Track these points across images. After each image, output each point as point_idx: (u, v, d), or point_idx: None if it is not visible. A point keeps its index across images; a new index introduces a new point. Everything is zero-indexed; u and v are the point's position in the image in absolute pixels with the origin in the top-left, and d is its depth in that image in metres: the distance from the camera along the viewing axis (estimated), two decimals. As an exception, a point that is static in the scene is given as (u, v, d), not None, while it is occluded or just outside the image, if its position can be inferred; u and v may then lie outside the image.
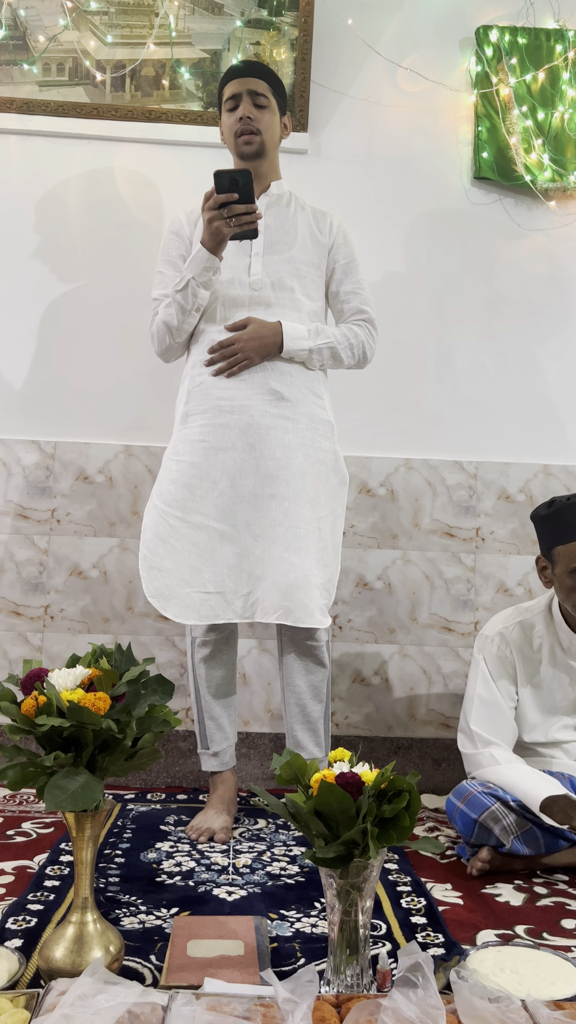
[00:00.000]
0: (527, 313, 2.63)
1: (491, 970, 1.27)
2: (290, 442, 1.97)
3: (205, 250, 1.93)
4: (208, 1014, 1.04)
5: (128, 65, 2.55)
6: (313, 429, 2.01)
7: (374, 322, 2.11)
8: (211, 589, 1.93)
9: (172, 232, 2.12)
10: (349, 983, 1.20)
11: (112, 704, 1.22)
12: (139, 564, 1.99)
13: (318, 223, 2.13)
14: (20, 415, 2.52)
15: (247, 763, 2.42)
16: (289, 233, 2.08)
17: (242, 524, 1.94)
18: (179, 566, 1.94)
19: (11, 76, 2.54)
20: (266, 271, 2.03)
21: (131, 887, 1.64)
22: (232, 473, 1.95)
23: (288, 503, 1.94)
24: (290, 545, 1.93)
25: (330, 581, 2.01)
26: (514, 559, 2.55)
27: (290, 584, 1.91)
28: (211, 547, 1.94)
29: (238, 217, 1.88)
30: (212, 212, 1.88)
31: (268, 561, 1.92)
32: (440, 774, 2.44)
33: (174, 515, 1.96)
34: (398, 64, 2.60)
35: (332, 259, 2.11)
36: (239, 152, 2.07)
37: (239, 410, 1.97)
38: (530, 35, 2.60)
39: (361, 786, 1.18)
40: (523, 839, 1.76)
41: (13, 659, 2.44)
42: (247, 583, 1.93)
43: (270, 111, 2.06)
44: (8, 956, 1.27)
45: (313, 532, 1.97)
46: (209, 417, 1.98)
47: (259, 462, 1.95)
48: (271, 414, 1.97)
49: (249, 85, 2.04)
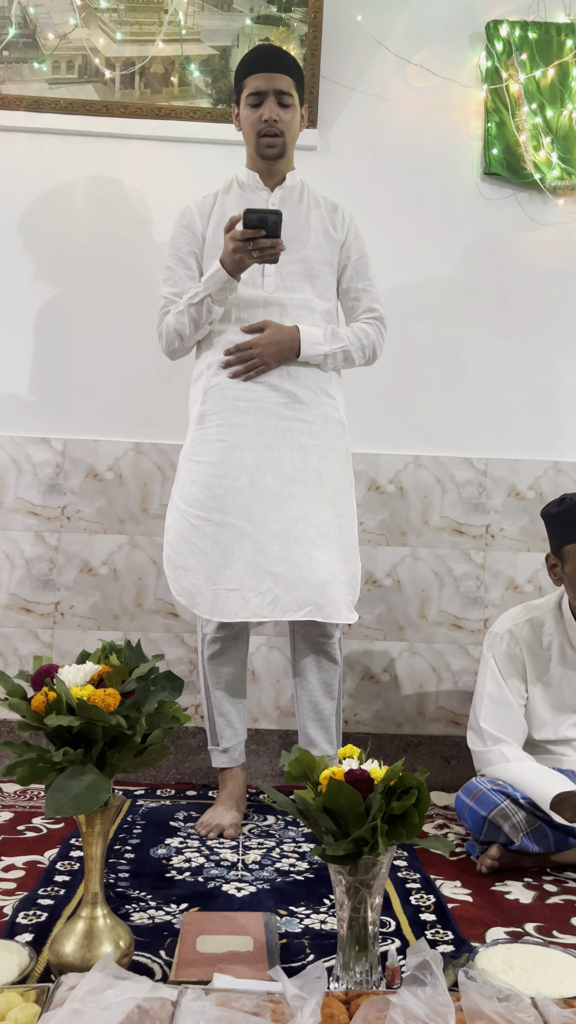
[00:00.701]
0: (538, 310, 2.62)
1: (500, 968, 1.26)
2: (305, 444, 1.98)
3: (224, 272, 1.92)
4: (218, 1009, 1.04)
5: (137, 62, 2.55)
6: (327, 430, 2.02)
7: (384, 320, 2.12)
8: (230, 586, 1.93)
9: (183, 225, 2.10)
10: (358, 980, 1.20)
11: (122, 700, 1.23)
12: (164, 564, 2.01)
13: (331, 217, 2.11)
14: (30, 413, 2.53)
15: (256, 760, 2.42)
16: (302, 230, 2.07)
17: (260, 521, 1.93)
18: (204, 564, 1.95)
19: (21, 74, 2.54)
20: (279, 272, 2.02)
21: (141, 883, 1.65)
22: (251, 471, 1.95)
23: (308, 503, 1.95)
24: (314, 543, 1.93)
25: (354, 577, 2.02)
26: (524, 556, 2.54)
27: (319, 581, 1.91)
28: (231, 544, 1.94)
29: (262, 250, 1.87)
30: (237, 243, 1.87)
31: (288, 559, 1.92)
32: (449, 771, 2.44)
33: (196, 514, 1.97)
34: (407, 60, 2.59)
35: (344, 255, 2.11)
36: (260, 154, 2.05)
37: (255, 411, 1.97)
38: (540, 30, 2.58)
39: (370, 783, 1.18)
40: (533, 836, 1.76)
41: (23, 655, 2.45)
42: (265, 580, 1.92)
43: (293, 108, 2.03)
44: (19, 951, 1.28)
45: (335, 530, 1.98)
46: (226, 417, 1.98)
47: (277, 462, 1.95)
48: (286, 416, 1.98)
49: (275, 84, 1.99)
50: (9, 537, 2.47)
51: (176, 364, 2.34)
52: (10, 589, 2.47)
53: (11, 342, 2.53)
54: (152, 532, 2.48)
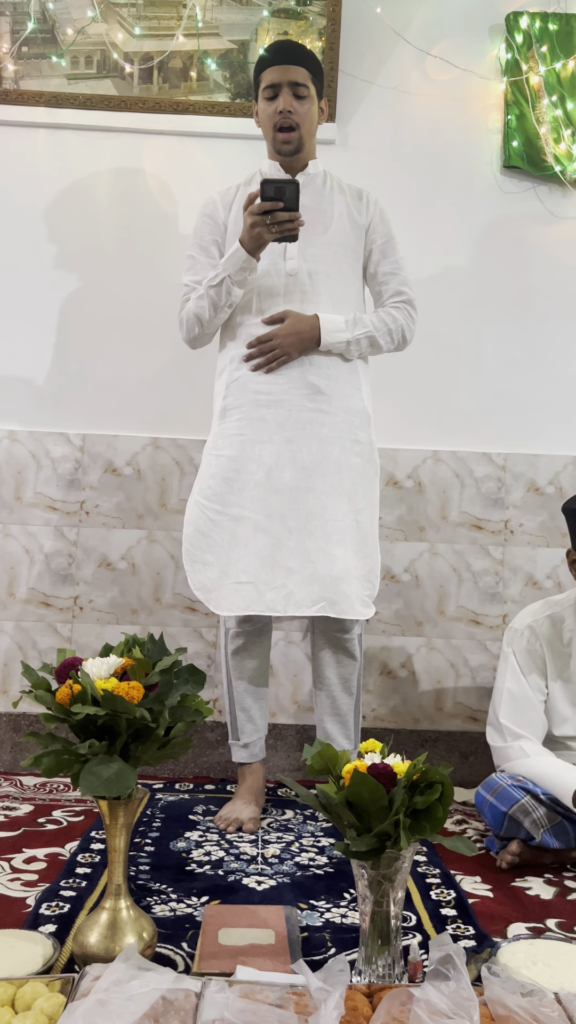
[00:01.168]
0: (558, 303, 2.60)
1: (523, 963, 1.26)
2: (327, 435, 1.96)
3: (244, 251, 1.91)
4: (241, 1001, 1.05)
5: (156, 57, 2.55)
6: (350, 421, 2.00)
7: (413, 303, 2.08)
8: (243, 579, 1.92)
9: (206, 215, 2.10)
10: (380, 973, 1.20)
11: (145, 693, 1.23)
12: (183, 558, 2.01)
13: (355, 202, 2.09)
14: (49, 408, 2.54)
15: (274, 754, 2.42)
16: (326, 214, 2.05)
17: (277, 516, 1.93)
18: (220, 559, 1.95)
19: (40, 69, 2.55)
20: (302, 256, 2.01)
21: (161, 875, 1.66)
22: (269, 465, 1.94)
23: (325, 497, 1.94)
24: (330, 538, 1.92)
25: (371, 572, 2.01)
26: (543, 552, 2.53)
27: (333, 576, 1.90)
28: (246, 537, 1.93)
29: (280, 224, 1.86)
30: (255, 218, 1.86)
31: (304, 554, 1.91)
32: (468, 767, 2.43)
33: (214, 509, 1.97)
34: (427, 52, 2.58)
35: (370, 239, 2.08)
36: (276, 149, 2.05)
37: (276, 404, 1.96)
38: (561, 21, 2.56)
39: (394, 777, 1.18)
40: (553, 832, 1.75)
41: (43, 649, 2.47)
42: (279, 575, 1.91)
43: (309, 100, 2.02)
44: (43, 941, 1.29)
45: (352, 525, 1.97)
46: (247, 411, 1.98)
47: (296, 455, 1.94)
48: (308, 408, 1.96)
49: (289, 75, 1.99)
50: (28, 532, 2.49)
51: (195, 359, 2.35)
52: (30, 583, 2.48)
53: (31, 337, 2.55)
54: (170, 527, 2.49)
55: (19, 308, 2.55)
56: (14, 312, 2.55)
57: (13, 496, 2.49)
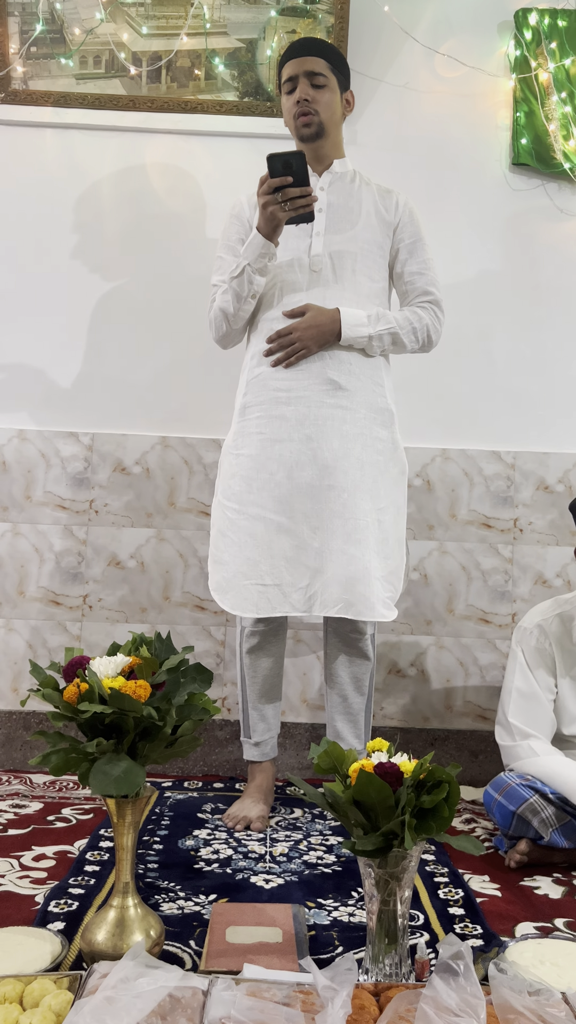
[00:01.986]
0: (568, 301, 2.59)
1: (531, 962, 1.26)
2: (348, 432, 1.94)
3: (260, 236, 1.90)
4: (249, 999, 1.05)
5: (163, 56, 2.55)
6: (371, 418, 1.97)
7: (440, 304, 2.05)
8: (268, 581, 1.91)
9: (233, 216, 2.09)
10: (388, 972, 1.20)
11: (152, 692, 1.23)
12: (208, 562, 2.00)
13: (384, 200, 2.08)
14: (59, 407, 2.55)
15: (283, 752, 2.43)
16: (353, 211, 2.04)
17: (299, 516, 1.91)
18: (236, 559, 1.93)
19: (48, 70, 2.55)
20: (327, 250, 1.99)
21: (169, 873, 1.66)
22: (289, 464, 1.92)
23: (347, 494, 1.91)
24: (349, 537, 1.90)
25: (393, 573, 1.98)
26: (553, 550, 2.52)
27: (350, 577, 1.88)
28: (268, 539, 1.92)
29: (293, 201, 1.83)
30: (266, 197, 1.84)
31: (327, 554, 1.90)
32: (477, 766, 2.43)
33: (233, 508, 1.96)
34: (435, 50, 2.57)
35: (397, 238, 2.06)
36: (298, 135, 2.04)
37: (296, 401, 1.94)
38: (570, 17, 2.55)
39: (400, 776, 1.17)
40: (562, 832, 1.75)
41: (52, 648, 2.48)
42: (305, 576, 1.90)
43: (329, 89, 2.01)
44: (51, 938, 1.30)
45: (373, 524, 1.94)
46: (266, 409, 1.96)
47: (316, 453, 1.92)
48: (328, 404, 1.94)
49: (306, 65, 1.99)
50: (38, 530, 2.50)
51: (204, 358, 2.35)
52: (39, 582, 2.49)
53: (40, 336, 2.55)
54: (179, 526, 2.50)
55: (28, 307, 2.56)
56: (23, 311, 2.56)
57: (23, 495, 2.50)
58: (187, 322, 2.52)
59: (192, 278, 2.53)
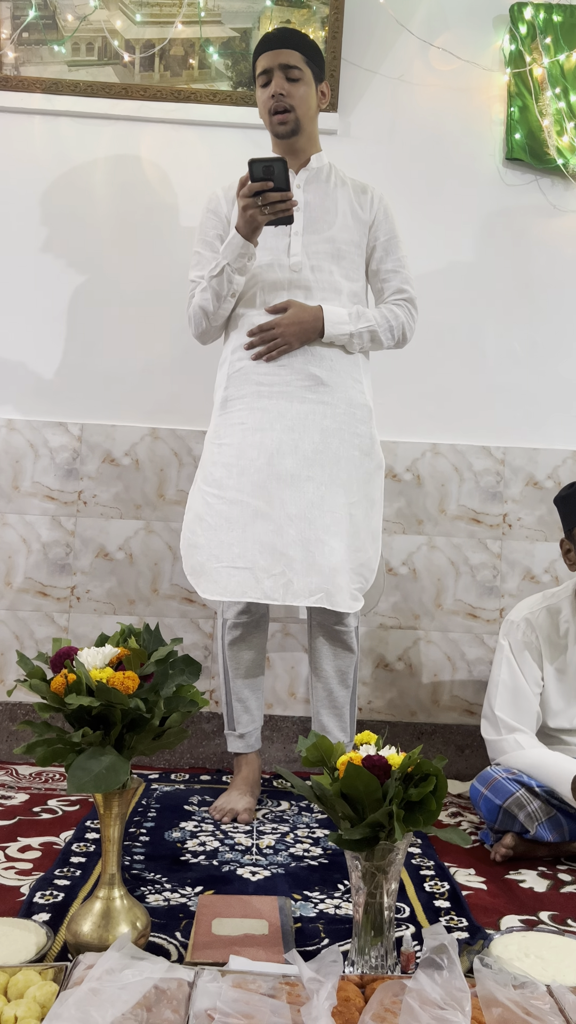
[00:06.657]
0: (559, 297, 2.59)
1: (516, 955, 1.26)
2: (328, 427, 1.95)
3: (240, 236, 1.90)
4: (234, 991, 1.05)
5: (157, 45, 2.53)
6: (351, 414, 1.99)
7: (414, 301, 2.08)
8: (240, 564, 1.90)
9: (209, 211, 2.09)
10: (373, 964, 1.21)
11: (140, 683, 1.23)
12: (180, 545, 1.99)
13: (359, 198, 2.08)
14: (48, 398, 2.53)
15: (270, 746, 2.43)
16: (329, 211, 2.05)
17: (277, 503, 1.91)
18: (211, 542, 1.93)
19: (40, 56, 2.53)
20: (306, 252, 2.00)
21: (156, 865, 1.66)
22: (270, 451, 1.93)
23: (325, 488, 1.93)
24: (328, 529, 1.91)
25: (364, 565, 1.98)
26: (541, 546, 2.53)
27: (331, 568, 1.90)
28: (243, 522, 1.91)
29: (273, 205, 1.85)
30: (246, 200, 1.85)
31: (304, 543, 1.90)
32: (463, 760, 2.44)
33: (212, 493, 1.96)
34: (430, 43, 2.56)
35: (373, 236, 2.08)
36: (274, 132, 2.04)
37: (277, 395, 1.95)
38: (565, 12, 2.55)
39: (388, 769, 1.18)
40: (548, 826, 1.76)
41: (40, 639, 2.46)
42: (279, 563, 1.89)
43: (304, 83, 2.01)
44: (36, 930, 1.29)
45: (345, 517, 1.95)
46: (248, 402, 1.97)
47: (298, 444, 1.93)
48: (310, 399, 1.96)
49: (281, 58, 1.98)
50: (26, 521, 2.48)
51: (194, 350, 2.34)
52: (27, 573, 2.48)
53: (28, 326, 2.54)
54: (168, 518, 2.49)
55: (17, 297, 2.54)
56: (11, 301, 2.54)
57: (11, 485, 2.49)
58: (178, 313, 2.50)
59: (183, 269, 2.50)
